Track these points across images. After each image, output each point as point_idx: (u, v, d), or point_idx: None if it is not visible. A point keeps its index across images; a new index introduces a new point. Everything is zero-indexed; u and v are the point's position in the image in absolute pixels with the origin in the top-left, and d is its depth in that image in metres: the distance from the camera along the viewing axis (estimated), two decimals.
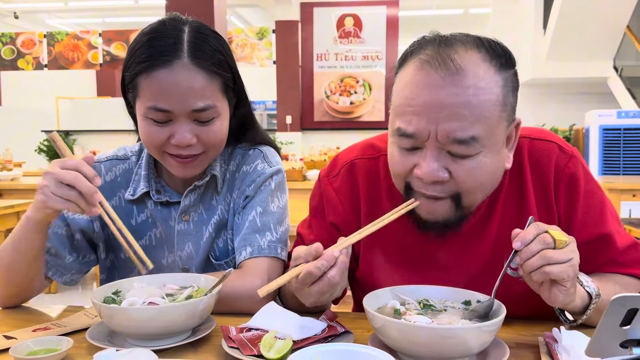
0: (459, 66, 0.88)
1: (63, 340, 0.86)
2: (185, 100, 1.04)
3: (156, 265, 1.20)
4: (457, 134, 0.88)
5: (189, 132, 1.06)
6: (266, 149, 1.26)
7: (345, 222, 1.11)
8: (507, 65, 0.92)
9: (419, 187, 0.94)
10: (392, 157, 0.97)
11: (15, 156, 6.70)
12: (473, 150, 0.89)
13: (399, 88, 0.95)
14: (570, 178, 1.02)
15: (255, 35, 9.51)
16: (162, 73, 1.02)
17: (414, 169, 0.93)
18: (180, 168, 1.11)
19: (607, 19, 9.10)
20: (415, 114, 0.90)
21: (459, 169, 0.91)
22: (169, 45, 1.04)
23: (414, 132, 0.90)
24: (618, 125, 6.37)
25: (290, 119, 10.78)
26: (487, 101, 0.88)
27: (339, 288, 0.88)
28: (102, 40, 9.55)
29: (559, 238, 0.83)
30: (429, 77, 0.89)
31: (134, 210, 1.22)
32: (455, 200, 0.94)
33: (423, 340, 0.78)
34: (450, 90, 0.87)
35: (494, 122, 0.90)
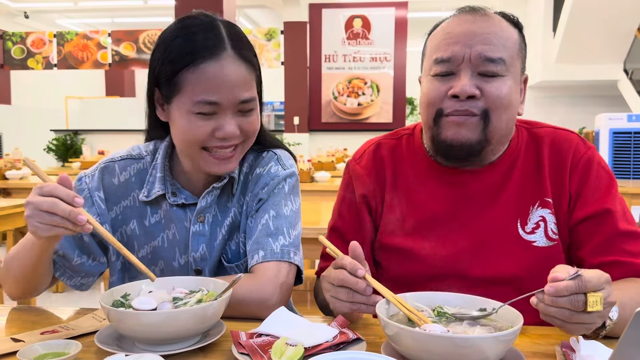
0: (487, 12, 1.10)
1: (72, 343, 0.85)
2: (233, 92, 1.05)
3: (168, 267, 1.20)
4: (488, 53, 1.05)
5: (234, 124, 1.08)
6: (280, 152, 1.25)
7: (373, 194, 1.21)
8: (517, 27, 1.12)
9: (452, 107, 1.07)
10: (427, 90, 1.11)
11: (24, 155, 6.73)
12: (500, 70, 1.05)
13: (435, 37, 1.12)
14: (587, 162, 1.11)
15: (263, 36, 9.52)
16: (210, 66, 1.03)
17: (448, 92, 1.07)
18: (216, 165, 1.11)
19: (618, 22, 9.03)
20: (451, 43, 1.07)
21: (489, 87, 1.05)
22: (211, 38, 1.04)
23: (451, 56, 1.07)
24: (628, 128, 6.32)
25: (297, 120, 10.78)
26: (509, 37, 1.08)
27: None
28: (111, 40, 9.59)
29: (593, 299, 0.79)
30: (462, 18, 1.10)
31: (147, 211, 1.20)
32: (484, 118, 1.06)
33: (438, 349, 0.77)
34: (480, 24, 1.07)
35: (515, 55, 1.08)
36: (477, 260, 1.11)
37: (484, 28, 1.06)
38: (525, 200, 1.12)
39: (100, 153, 7.19)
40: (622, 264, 1.04)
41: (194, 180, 1.19)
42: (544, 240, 1.10)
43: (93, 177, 1.21)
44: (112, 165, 1.22)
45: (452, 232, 1.13)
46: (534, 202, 1.11)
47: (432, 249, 1.13)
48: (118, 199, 1.21)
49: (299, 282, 1.20)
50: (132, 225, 1.20)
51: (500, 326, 0.86)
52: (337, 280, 0.92)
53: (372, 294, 0.91)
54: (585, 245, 1.09)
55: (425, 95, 1.11)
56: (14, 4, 11.63)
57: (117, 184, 1.21)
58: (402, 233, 1.16)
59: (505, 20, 1.11)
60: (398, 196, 1.18)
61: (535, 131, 1.16)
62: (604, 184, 1.10)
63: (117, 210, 1.21)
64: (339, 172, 5.58)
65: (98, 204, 1.19)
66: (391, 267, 1.16)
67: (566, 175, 1.11)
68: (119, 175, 1.21)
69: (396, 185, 1.19)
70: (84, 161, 6.73)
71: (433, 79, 1.09)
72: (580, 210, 1.09)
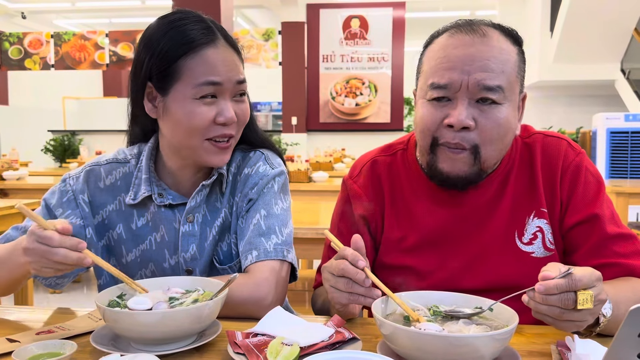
0: (485, 32, 1.05)
1: (67, 344, 0.85)
2: (232, 72, 1.11)
3: (158, 268, 1.20)
4: (486, 81, 1.02)
5: (231, 108, 1.11)
6: (267, 151, 1.25)
7: (372, 213, 1.20)
8: (516, 41, 1.09)
9: (445, 137, 1.05)
10: (423, 114, 1.08)
11: (21, 155, 6.72)
12: (498, 98, 1.03)
13: (431, 55, 1.08)
14: (575, 168, 1.12)
15: (261, 36, 9.51)
16: (210, 51, 1.09)
17: (444, 120, 1.05)
18: (218, 155, 1.12)
19: (615, 22, 9.05)
20: (448, 68, 1.04)
21: (484, 118, 1.04)
22: (204, 28, 1.10)
23: (448, 83, 1.03)
24: (626, 128, 6.34)
25: (295, 120, 10.78)
26: (508, 60, 1.04)
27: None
28: (108, 41, 9.58)
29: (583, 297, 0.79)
30: (460, 39, 1.05)
31: (134, 214, 1.20)
32: (474, 153, 1.05)
33: (433, 348, 0.77)
34: (479, 47, 1.03)
35: (513, 79, 1.05)
36: (477, 273, 1.12)
37: (483, 52, 1.03)
38: (521, 211, 1.12)
39: (97, 153, 7.18)
40: (614, 265, 1.06)
41: (181, 180, 1.19)
42: (542, 251, 1.11)
43: (78, 179, 1.21)
44: (97, 168, 1.22)
45: (451, 247, 1.14)
46: (530, 213, 1.12)
47: (432, 265, 1.14)
48: (103, 203, 1.20)
49: (294, 279, 1.20)
50: (119, 230, 1.20)
51: (496, 325, 0.86)
52: (337, 270, 0.93)
53: (370, 286, 0.92)
54: (577, 250, 1.10)
55: (421, 120, 1.09)
56: (12, 4, 11.61)
57: (103, 188, 1.20)
58: (401, 251, 1.17)
59: (504, 35, 1.07)
60: (397, 215, 1.18)
61: (527, 140, 1.17)
62: (592, 189, 1.11)
63: (102, 215, 1.20)
64: (337, 172, 5.58)
65: (82, 207, 1.19)
66: (391, 284, 1.14)
67: (557, 182, 1.12)
68: (105, 179, 1.21)
69: (394, 204, 1.19)
70: (82, 162, 6.73)
71: (429, 104, 1.07)
72: (571, 217, 1.10)
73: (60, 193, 1.20)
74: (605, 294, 0.84)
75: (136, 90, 1.14)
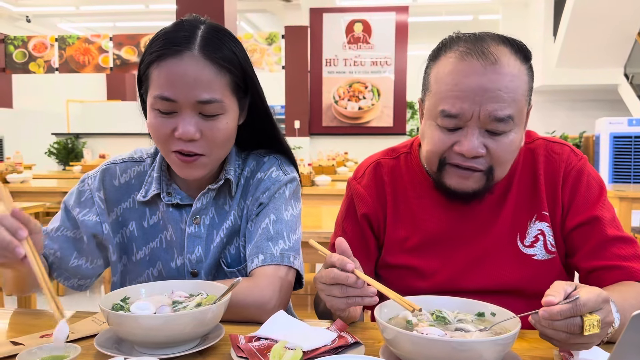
0: (497, 57, 1.02)
1: (71, 347, 0.85)
2: (191, 90, 1.03)
3: (165, 268, 1.21)
4: (497, 113, 1.01)
5: (193, 125, 1.04)
6: (281, 156, 1.26)
7: (375, 213, 1.22)
8: (526, 58, 1.07)
9: (456, 160, 1.06)
10: (432, 137, 1.08)
11: (25, 158, 6.74)
12: (508, 127, 1.03)
13: (441, 77, 1.06)
14: (577, 172, 1.13)
15: (264, 40, 9.54)
16: (171, 62, 1.03)
17: (453, 146, 1.05)
18: (183, 168, 1.09)
19: (618, 26, 9.05)
20: (459, 97, 1.02)
21: (495, 145, 1.04)
22: (182, 37, 1.05)
23: (459, 113, 1.03)
24: (629, 133, 6.33)
25: (298, 123, 10.79)
26: (519, 86, 1.03)
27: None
28: (112, 44, 9.62)
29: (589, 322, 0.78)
30: (471, 66, 1.02)
31: (146, 212, 1.21)
32: (487, 173, 1.06)
33: (436, 352, 0.77)
34: (491, 77, 1.01)
35: (523, 104, 1.05)
36: (479, 275, 1.13)
37: (495, 82, 1.01)
38: (523, 214, 1.14)
39: (101, 157, 7.19)
40: (615, 268, 1.06)
41: (190, 182, 1.20)
42: (543, 254, 1.12)
43: (95, 179, 1.23)
44: (113, 167, 1.24)
45: (454, 249, 1.15)
46: (532, 216, 1.13)
47: (434, 266, 1.15)
48: (118, 200, 1.22)
49: (299, 286, 1.20)
50: (132, 227, 1.22)
51: (498, 330, 0.87)
52: (328, 278, 0.94)
53: (365, 286, 0.92)
54: (577, 252, 1.11)
55: (430, 142, 1.09)
56: (16, 8, 11.67)
57: (118, 186, 1.22)
58: (405, 251, 1.18)
59: (514, 53, 1.04)
60: (400, 216, 1.20)
61: (530, 145, 1.18)
62: (593, 193, 1.12)
63: (117, 212, 1.22)
64: (340, 176, 5.59)
65: (98, 204, 1.21)
66: (394, 284, 1.15)
67: (559, 186, 1.13)
68: (120, 178, 1.23)
69: (397, 205, 1.20)
70: (85, 165, 6.74)
71: (439, 129, 1.07)
72: (572, 219, 1.11)
73: (79, 193, 1.22)
74: (612, 316, 0.82)
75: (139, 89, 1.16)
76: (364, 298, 0.93)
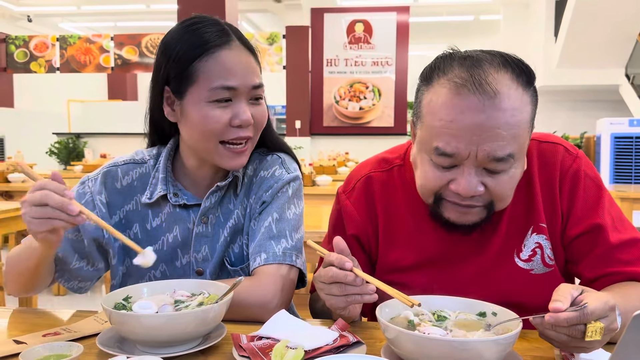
0: (496, 89, 0.92)
1: (73, 346, 0.85)
2: (247, 76, 1.10)
3: (170, 268, 1.21)
4: (497, 153, 0.93)
5: (248, 111, 1.11)
6: (284, 155, 1.26)
7: (365, 233, 1.16)
8: (529, 82, 0.97)
9: (453, 198, 1.00)
10: (426, 173, 1.01)
11: (26, 158, 6.75)
12: (508, 165, 0.96)
13: (434, 109, 0.96)
14: (573, 175, 1.08)
15: (265, 40, 9.54)
16: (224, 53, 1.09)
17: (449, 183, 0.99)
18: (233, 158, 1.13)
19: (619, 27, 9.04)
20: (455, 136, 0.94)
21: (494, 183, 0.97)
22: (219, 30, 1.10)
23: (454, 153, 0.95)
24: (630, 133, 6.32)
25: (299, 123, 10.79)
26: (521, 120, 0.94)
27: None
28: (113, 44, 9.62)
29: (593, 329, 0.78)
30: (467, 101, 0.92)
31: (149, 214, 1.21)
32: (488, 207, 1.01)
33: (437, 352, 0.77)
34: (489, 114, 0.92)
35: (525, 137, 0.97)
36: (476, 291, 1.06)
37: (493, 119, 0.91)
38: (518, 228, 1.09)
39: (102, 156, 7.20)
40: (620, 274, 1.04)
41: (197, 180, 1.20)
42: (541, 267, 1.08)
43: (96, 181, 1.22)
44: (114, 169, 1.23)
45: (449, 268, 1.11)
46: (528, 229, 1.09)
47: (430, 283, 1.11)
48: (121, 203, 1.21)
49: (302, 285, 1.21)
50: (135, 229, 1.21)
51: (500, 330, 0.87)
52: (327, 277, 0.94)
53: (364, 284, 0.93)
54: (581, 261, 1.07)
55: (424, 178, 1.02)
56: (17, 7, 11.68)
57: (120, 188, 1.22)
58: (398, 270, 1.14)
59: (516, 77, 0.95)
60: (393, 235, 1.15)
61: None
62: (592, 196, 1.08)
63: (119, 215, 1.21)
64: (340, 175, 5.59)
65: (99, 207, 1.19)
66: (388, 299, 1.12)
67: (556, 192, 1.08)
68: (122, 180, 1.22)
69: (390, 223, 1.15)
70: (86, 164, 6.75)
71: (433, 165, 0.99)
72: (572, 228, 1.07)
73: (79, 196, 1.21)
74: (617, 323, 0.81)
75: (155, 95, 1.16)
76: (364, 296, 0.93)
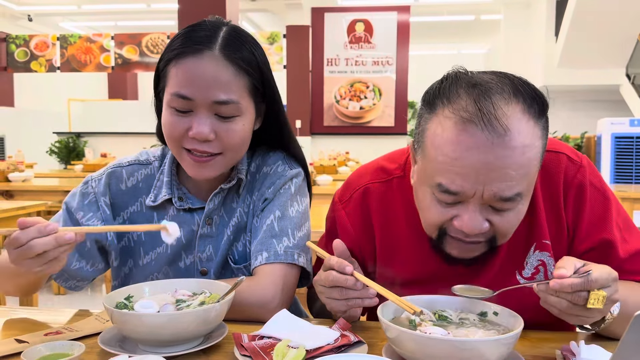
0: (505, 126, 0.84)
1: (75, 345, 0.85)
2: (209, 90, 1.02)
3: (174, 269, 1.20)
4: (504, 193, 0.87)
5: (208, 125, 1.04)
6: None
7: (358, 247, 1.12)
8: (541, 111, 0.90)
9: (456, 234, 0.94)
10: (429, 208, 0.95)
11: (27, 157, 6.75)
12: (514, 205, 0.90)
13: (438, 143, 0.89)
14: (578, 187, 1.03)
15: (266, 39, 9.54)
16: (190, 61, 1.03)
17: (453, 220, 0.93)
18: (195, 167, 1.08)
19: (620, 27, 9.04)
20: (460, 174, 0.87)
21: (500, 220, 0.92)
22: (203, 36, 1.05)
23: (459, 191, 0.89)
24: (631, 133, 6.32)
25: (299, 123, 10.80)
26: (532, 157, 0.88)
27: None
28: (114, 44, 9.62)
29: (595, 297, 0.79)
30: (474, 139, 0.85)
31: (154, 216, 1.19)
32: (490, 242, 0.95)
33: (439, 352, 0.77)
34: (498, 153, 0.85)
35: (535, 173, 0.91)
36: None
37: (503, 159, 0.85)
38: (520, 246, 1.04)
39: (102, 156, 7.20)
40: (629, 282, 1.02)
41: (201, 184, 1.19)
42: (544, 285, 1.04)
43: (100, 182, 1.20)
44: (119, 170, 1.22)
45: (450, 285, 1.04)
46: (530, 246, 1.05)
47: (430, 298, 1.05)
48: (125, 204, 1.20)
49: (307, 282, 1.19)
50: (139, 231, 1.20)
51: (502, 330, 0.87)
52: (327, 281, 0.94)
53: (364, 288, 0.93)
54: None
55: (426, 212, 0.97)
56: (18, 7, 11.68)
57: (125, 190, 1.20)
58: (398, 284, 1.10)
59: (527, 108, 0.87)
60: (392, 250, 1.10)
61: None
62: (599, 208, 1.03)
63: (124, 216, 1.20)
64: (341, 175, 5.59)
65: (103, 209, 1.18)
66: None
67: (561, 206, 1.03)
68: (127, 181, 1.21)
69: (387, 238, 1.11)
70: (87, 164, 6.75)
71: (435, 199, 0.93)
72: (581, 244, 1.03)
73: (82, 195, 1.19)
74: (619, 295, 0.83)
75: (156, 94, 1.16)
76: (364, 300, 0.93)
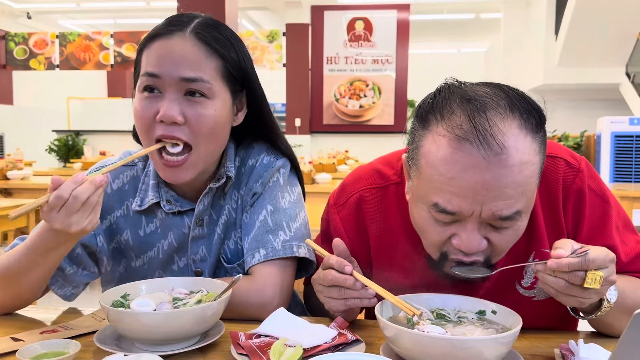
0: (502, 144, 0.82)
1: (71, 343, 0.85)
2: (176, 67, 1.00)
3: (167, 272, 1.18)
4: (503, 212, 0.85)
5: (176, 105, 1.00)
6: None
7: (352, 253, 1.06)
8: (539, 125, 0.87)
9: (457, 255, 0.92)
10: (426, 227, 0.93)
11: (26, 155, 6.75)
12: (513, 223, 0.88)
13: (432, 162, 0.87)
14: (577, 193, 1.01)
15: (265, 38, 9.53)
16: (160, 42, 1.02)
17: (452, 239, 0.91)
18: (168, 171, 1.04)
19: (620, 25, 9.03)
20: (457, 194, 0.85)
21: (498, 238, 0.90)
22: (177, 21, 1.04)
23: (456, 211, 0.86)
24: (630, 132, 6.31)
25: (299, 121, 10.80)
26: (530, 175, 0.85)
27: None
28: (113, 41, 9.62)
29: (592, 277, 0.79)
30: (470, 158, 0.83)
31: (142, 220, 1.16)
32: (488, 261, 0.93)
33: (437, 350, 0.77)
34: (495, 172, 0.82)
35: (534, 190, 0.89)
36: None
37: (500, 178, 0.82)
38: (519, 255, 1.02)
39: (101, 154, 7.21)
40: None
41: (189, 184, 1.12)
42: (544, 294, 1.03)
43: None
44: None
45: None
46: (529, 255, 1.03)
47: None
48: (111, 208, 1.17)
49: (306, 272, 1.17)
50: (126, 236, 1.16)
51: (500, 328, 0.86)
52: (326, 280, 0.93)
53: (363, 288, 0.92)
54: None
55: (424, 231, 0.94)
56: (17, 4, 11.66)
57: (110, 193, 1.17)
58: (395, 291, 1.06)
59: (525, 123, 0.85)
60: (388, 257, 1.09)
61: None
62: (599, 214, 1.01)
63: (110, 220, 1.17)
64: (340, 174, 5.59)
65: None
66: None
67: (560, 211, 1.01)
68: (112, 184, 1.17)
69: (384, 246, 1.09)
70: (86, 162, 6.75)
71: (432, 218, 0.91)
72: None
73: None
74: (616, 277, 0.83)
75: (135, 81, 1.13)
76: (363, 300, 0.93)
